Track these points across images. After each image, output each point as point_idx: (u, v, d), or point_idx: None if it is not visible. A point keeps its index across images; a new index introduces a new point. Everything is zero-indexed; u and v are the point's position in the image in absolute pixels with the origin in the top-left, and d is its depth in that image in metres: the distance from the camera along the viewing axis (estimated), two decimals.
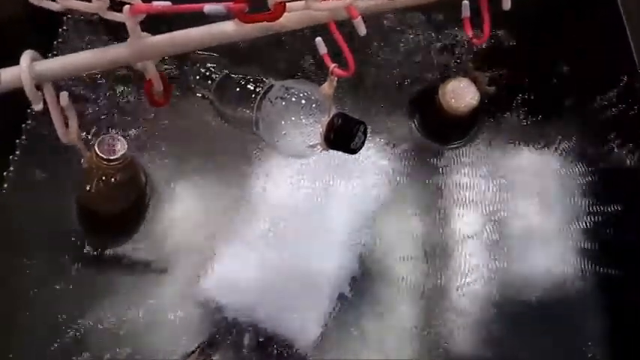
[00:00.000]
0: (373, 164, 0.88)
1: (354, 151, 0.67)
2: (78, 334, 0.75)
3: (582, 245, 0.86)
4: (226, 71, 0.82)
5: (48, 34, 0.88)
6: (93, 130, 0.83)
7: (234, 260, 0.81)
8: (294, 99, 0.69)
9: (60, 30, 0.90)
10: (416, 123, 0.91)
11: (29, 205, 0.81)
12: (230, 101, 0.78)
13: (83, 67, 0.52)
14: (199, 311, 0.78)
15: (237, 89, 0.77)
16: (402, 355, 0.79)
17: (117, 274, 0.79)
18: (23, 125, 0.84)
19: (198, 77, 0.84)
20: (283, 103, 0.69)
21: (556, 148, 0.91)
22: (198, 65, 0.84)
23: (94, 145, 0.68)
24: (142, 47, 0.52)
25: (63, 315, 0.76)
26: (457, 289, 0.83)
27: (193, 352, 0.75)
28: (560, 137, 0.92)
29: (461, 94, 0.84)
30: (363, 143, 0.67)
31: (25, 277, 0.77)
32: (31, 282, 0.77)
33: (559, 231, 0.87)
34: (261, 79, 0.75)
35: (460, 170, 0.89)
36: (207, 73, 0.83)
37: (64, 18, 0.90)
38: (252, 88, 0.75)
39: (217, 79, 0.82)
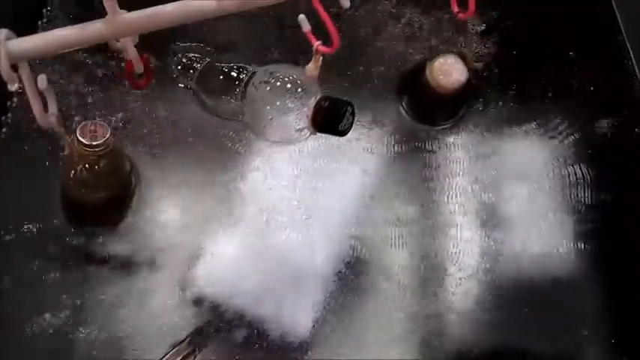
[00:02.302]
0: (362, 149, 0.87)
1: (342, 133, 0.66)
2: (62, 326, 0.74)
3: (576, 226, 0.86)
4: (208, 60, 0.81)
5: (31, 19, 0.87)
6: (75, 120, 0.82)
7: (223, 252, 0.79)
8: (278, 83, 0.68)
9: (44, 10, 0.89)
10: (404, 105, 0.90)
11: (12, 191, 0.80)
12: (214, 90, 0.77)
13: (60, 45, 0.50)
14: (188, 303, 0.77)
15: (221, 77, 0.76)
16: (398, 348, 0.78)
17: (102, 265, 0.77)
18: (3, 117, 0.83)
19: (180, 67, 0.83)
20: (268, 87, 0.69)
21: (547, 129, 0.91)
22: (179, 55, 0.83)
23: (75, 130, 0.67)
24: (120, 23, 0.51)
25: (47, 307, 0.74)
26: (451, 276, 0.82)
27: (182, 342, 0.74)
28: (550, 117, 0.91)
29: (449, 70, 0.83)
30: (351, 125, 0.66)
31: (6, 267, 0.76)
32: (12, 271, 0.76)
33: (552, 213, 0.86)
34: (245, 66, 0.74)
35: (450, 152, 0.88)
36: (189, 63, 0.82)
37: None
38: (235, 75, 0.74)
39: (200, 68, 0.81)
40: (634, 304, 0.83)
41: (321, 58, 0.62)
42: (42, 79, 0.53)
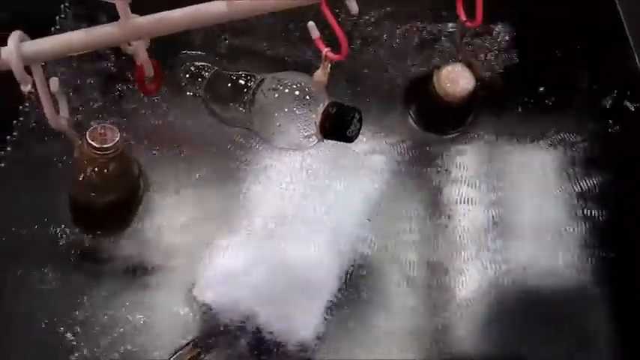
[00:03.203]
0: (370, 158, 0.87)
1: (350, 139, 0.66)
2: (69, 330, 0.74)
3: (584, 238, 0.85)
4: (216, 68, 0.82)
5: (44, 26, 0.87)
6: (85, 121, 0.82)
7: (229, 258, 0.79)
8: (287, 90, 0.69)
9: (57, 18, 0.89)
10: (412, 114, 0.90)
11: (21, 193, 0.80)
12: (222, 98, 0.78)
13: (73, 48, 0.51)
14: (193, 308, 0.77)
15: (229, 85, 0.76)
16: (401, 354, 0.78)
17: (108, 268, 0.77)
18: (15, 122, 0.83)
19: (188, 76, 0.84)
20: (276, 94, 0.69)
21: (554, 138, 0.91)
22: (187, 64, 0.84)
23: (85, 133, 0.67)
24: (132, 27, 0.52)
25: (53, 311, 0.75)
26: (457, 285, 0.82)
27: (186, 345, 0.74)
28: (558, 127, 0.92)
29: (456, 78, 0.84)
30: (358, 131, 0.67)
31: (14, 270, 0.76)
32: (18, 273, 0.76)
33: (560, 223, 0.86)
34: (252, 74, 0.75)
35: (458, 161, 0.88)
36: (197, 71, 0.83)
37: (62, 6, 0.90)
38: (243, 83, 0.75)
39: (208, 76, 0.82)
40: None
41: (329, 65, 0.62)
42: (54, 82, 0.54)
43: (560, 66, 0.96)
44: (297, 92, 0.68)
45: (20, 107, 0.83)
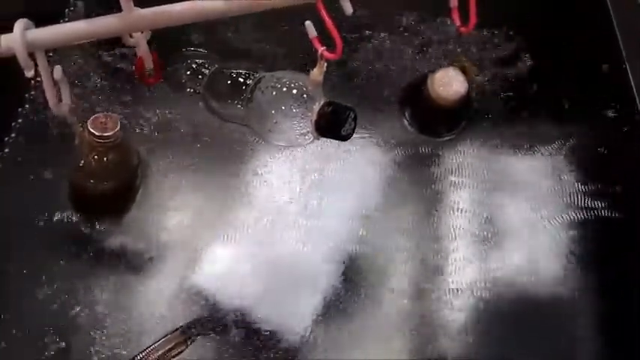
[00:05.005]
0: (365, 160, 0.88)
1: (344, 138, 0.67)
2: (59, 312, 0.75)
3: (576, 244, 0.85)
4: (217, 66, 0.83)
5: (54, 16, 0.89)
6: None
7: (224, 251, 0.80)
8: (284, 88, 0.70)
9: (66, 11, 0.91)
10: (407, 116, 0.91)
11: (25, 179, 0.81)
12: (221, 95, 0.79)
13: (75, 36, 0.53)
14: (185, 299, 0.77)
15: (228, 82, 0.77)
16: (392, 354, 0.78)
17: (105, 256, 0.78)
18: (20, 109, 0.85)
19: (189, 73, 0.84)
20: (274, 92, 0.70)
21: (549, 143, 0.91)
22: (188, 61, 0.85)
23: (86, 121, 0.69)
24: (134, 18, 0.53)
25: (47, 292, 0.76)
26: (449, 288, 0.82)
27: (174, 331, 0.75)
28: (553, 133, 0.92)
29: (449, 82, 0.84)
30: (353, 130, 0.68)
31: (13, 258, 0.77)
32: (16, 258, 0.77)
33: (553, 229, 0.86)
34: (251, 72, 0.76)
35: (452, 165, 0.89)
36: (198, 68, 0.84)
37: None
38: (242, 80, 0.76)
39: (208, 74, 0.82)
40: (631, 322, 0.82)
41: (325, 63, 0.64)
42: (57, 70, 0.55)
43: (556, 71, 0.96)
44: (294, 91, 0.69)
45: (26, 95, 0.84)
